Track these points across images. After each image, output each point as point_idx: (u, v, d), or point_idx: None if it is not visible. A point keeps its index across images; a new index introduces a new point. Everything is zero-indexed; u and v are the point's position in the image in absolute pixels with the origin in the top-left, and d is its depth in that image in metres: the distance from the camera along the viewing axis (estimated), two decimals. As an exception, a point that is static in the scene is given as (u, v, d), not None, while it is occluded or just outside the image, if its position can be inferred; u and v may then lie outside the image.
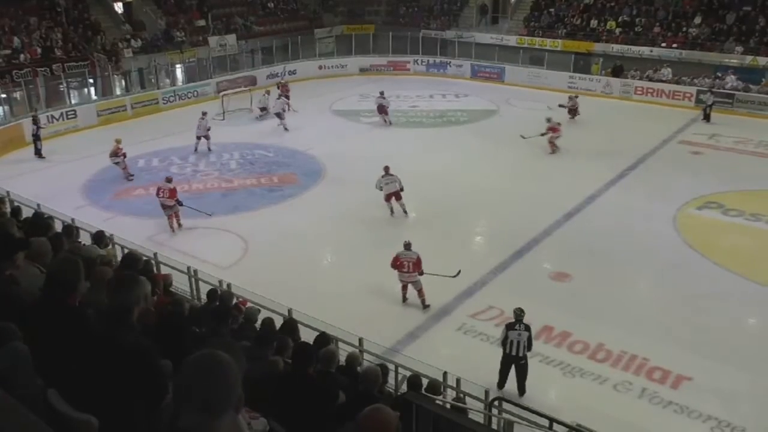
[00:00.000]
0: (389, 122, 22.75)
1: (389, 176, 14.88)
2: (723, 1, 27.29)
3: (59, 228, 8.75)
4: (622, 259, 13.02)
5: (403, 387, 7.33)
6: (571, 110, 22.60)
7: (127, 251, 8.74)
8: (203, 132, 19.79)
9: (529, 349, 9.01)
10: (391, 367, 7.76)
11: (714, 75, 25.42)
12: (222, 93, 24.90)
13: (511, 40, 30.91)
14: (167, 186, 14.19)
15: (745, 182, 16.99)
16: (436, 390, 6.88)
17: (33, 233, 5.69)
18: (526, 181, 17.08)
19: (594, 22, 29.79)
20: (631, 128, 22.01)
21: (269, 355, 5.45)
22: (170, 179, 14.63)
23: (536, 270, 12.75)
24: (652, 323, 10.79)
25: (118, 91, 24.80)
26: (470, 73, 30.34)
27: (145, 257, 8.90)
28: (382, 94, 22.86)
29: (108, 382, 2.40)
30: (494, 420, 6.99)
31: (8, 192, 12.21)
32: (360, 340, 8.40)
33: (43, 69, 23.27)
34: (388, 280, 12.01)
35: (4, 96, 21.90)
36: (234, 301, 8.34)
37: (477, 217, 15.69)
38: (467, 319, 10.90)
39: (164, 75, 27.41)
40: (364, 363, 7.28)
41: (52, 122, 21.21)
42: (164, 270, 9.54)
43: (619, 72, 26.91)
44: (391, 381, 7.57)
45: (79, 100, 23.99)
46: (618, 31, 28.93)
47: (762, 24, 25.91)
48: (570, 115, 22.64)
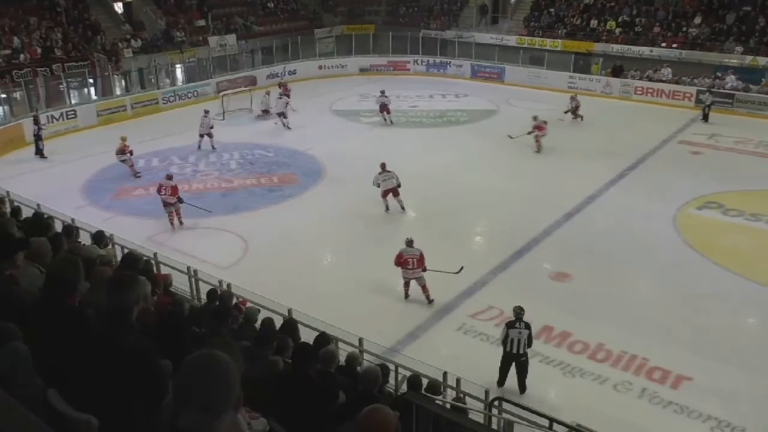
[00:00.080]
0: (391, 121, 22.77)
1: (386, 173, 14.94)
2: (723, 1, 27.28)
3: (59, 228, 8.75)
4: (622, 259, 13.02)
5: (403, 387, 7.33)
6: (574, 110, 22.55)
7: (126, 251, 8.74)
8: (206, 130, 19.85)
9: (530, 346, 9.05)
10: (391, 367, 7.76)
11: (714, 75, 25.40)
12: (222, 93, 24.90)
13: (511, 40, 30.91)
14: (169, 183, 14.28)
15: (745, 182, 16.99)
16: (436, 390, 6.88)
17: (33, 233, 5.69)
18: (526, 181, 17.07)
19: (594, 22, 29.79)
20: (631, 128, 22.00)
21: (269, 355, 5.45)
22: (171, 176, 14.75)
23: (536, 270, 12.75)
24: (652, 323, 10.79)
25: (118, 91, 24.81)
26: (470, 73, 30.34)
27: (145, 257, 8.90)
28: (383, 93, 22.88)
29: (108, 382, 2.40)
30: (494, 420, 6.99)
31: (8, 192, 12.21)
32: (360, 340, 8.40)
33: (43, 69, 23.28)
34: (388, 280, 12.04)
35: (4, 96, 21.91)
36: (234, 301, 8.34)
37: (477, 217, 15.69)
38: (467, 319, 10.91)
39: (164, 75, 27.40)
40: (364, 363, 7.28)
41: (52, 122, 21.22)
42: (164, 270, 9.54)
43: (619, 72, 26.89)
44: (391, 381, 7.57)
45: (79, 100, 24.00)
46: (618, 31, 28.92)
47: (762, 24, 25.90)
48: (573, 115, 22.55)
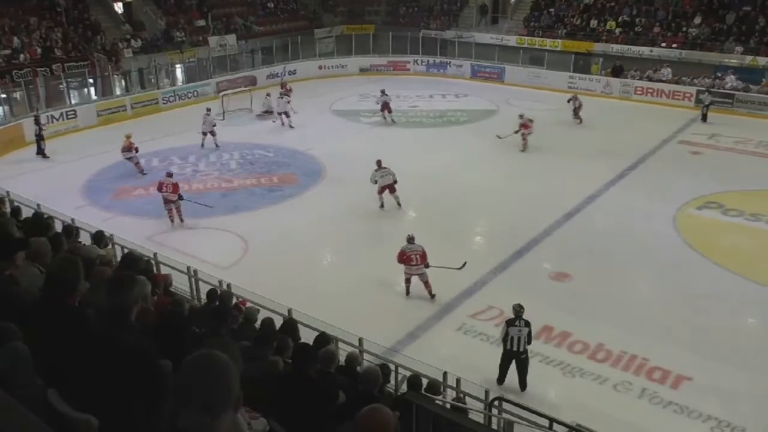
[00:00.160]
0: (392, 120, 22.81)
1: (383, 169, 15.11)
2: (723, 1, 27.28)
3: (59, 228, 8.75)
4: (622, 259, 13.02)
5: (403, 387, 7.33)
6: (575, 111, 22.45)
7: (126, 251, 8.74)
8: (209, 128, 19.94)
9: (529, 343, 9.09)
10: (391, 367, 7.76)
11: (714, 75, 25.40)
12: (222, 93, 24.91)
13: (511, 40, 30.91)
14: (170, 181, 14.39)
15: (745, 182, 16.98)
16: (435, 390, 6.88)
17: (33, 233, 5.69)
18: (526, 181, 17.07)
19: (594, 22, 29.78)
20: (631, 128, 22.00)
21: (269, 355, 5.45)
22: (171, 174, 14.87)
23: (536, 270, 12.75)
24: (652, 323, 10.79)
25: (118, 91, 24.81)
26: (470, 73, 30.33)
27: (145, 257, 8.90)
28: (384, 92, 22.90)
29: (108, 382, 2.40)
30: (494, 420, 6.98)
31: (8, 192, 12.21)
32: (360, 340, 8.40)
33: (43, 69, 23.28)
34: (388, 280, 12.04)
35: (4, 96, 21.91)
36: (234, 301, 8.34)
37: (477, 217, 15.69)
38: (467, 319, 10.91)
39: (164, 75, 27.40)
40: (364, 363, 7.28)
41: (52, 122, 21.22)
42: (164, 270, 9.53)
43: (619, 72, 26.89)
44: (391, 381, 7.57)
45: (79, 100, 24.00)
46: (618, 31, 28.92)
47: (762, 24, 25.90)
48: (574, 116, 22.45)
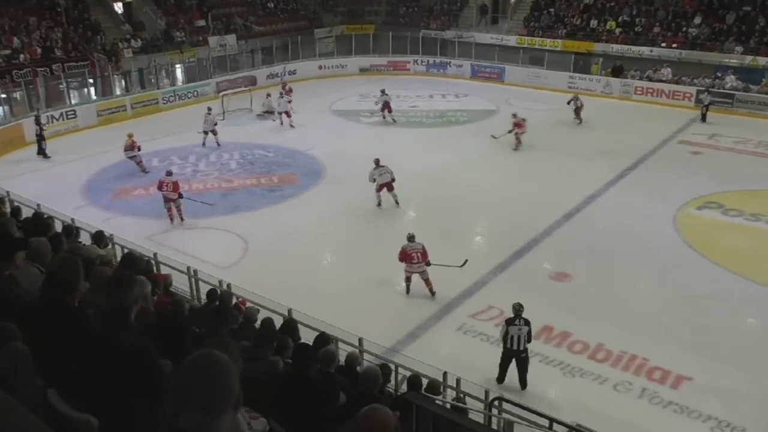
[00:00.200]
0: (393, 120, 22.87)
1: (381, 167, 15.23)
2: (723, 1, 27.28)
3: (59, 228, 8.75)
4: (622, 259, 13.02)
5: (403, 387, 7.33)
6: (576, 111, 22.35)
7: (126, 251, 8.74)
8: (210, 126, 20.03)
9: (529, 341, 9.10)
10: (391, 367, 7.76)
11: (714, 75, 25.40)
12: (222, 93, 24.90)
13: (511, 40, 30.91)
14: (170, 180, 14.45)
15: (745, 182, 16.98)
16: (435, 390, 6.88)
17: (33, 233, 5.69)
18: (526, 181, 17.07)
19: (594, 22, 29.78)
20: (631, 128, 21.99)
21: (269, 355, 5.45)
22: (171, 173, 14.95)
23: (536, 270, 12.75)
24: (652, 323, 10.79)
25: (118, 91, 24.81)
26: (470, 73, 30.33)
27: (145, 257, 8.90)
28: (384, 92, 22.94)
29: (108, 382, 2.40)
30: (494, 420, 6.98)
31: (8, 192, 12.21)
32: (360, 340, 8.40)
33: (43, 69, 23.29)
34: (388, 280, 12.05)
35: (4, 96, 21.91)
36: (234, 301, 8.34)
37: (477, 217, 15.69)
38: (467, 319, 10.91)
39: (164, 75, 27.41)
40: (364, 363, 7.28)
41: (52, 122, 21.21)
42: (164, 270, 9.53)
43: (619, 72, 26.88)
44: (391, 381, 7.56)
45: (79, 100, 24.00)
46: (618, 31, 28.91)
47: (762, 24, 25.89)
48: (575, 116, 22.36)
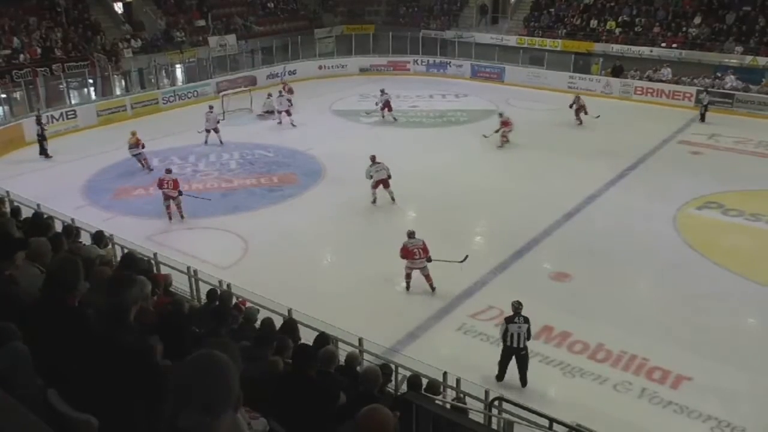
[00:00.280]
0: (394, 118, 22.99)
1: (377, 164, 15.35)
2: (723, 1, 27.28)
3: (59, 228, 8.75)
4: (622, 259, 13.02)
5: (403, 387, 7.33)
6: (577, 111, 22.23)
7: (126, 251, 8.74)
8: (213, 125, 20.13)
9: (528, 339, 9.12)
10: (392, 367, 7.76)
11: (714, 75, 25.40)
12: (222, 93, 24.89)
13: (511, 40, 30.91)
14: (170, 177, 14.59)
15: (745, 182, 16.98)
16: (435, 390, 6.88)
17: (33, 233, 5.70)
18: (526, 181, 17.07)
19: (594, 22, 29.78)
20: (631, 128, 21.98)
21: (269, 355, 5.45)
22: (170, 170, 15.11)
23: (536, 270, 12.75)
24: (652, 323, 10.79)
25: (118, 91, 24.80)
26: (470, 73, 30.33)
27: (145, 257, 8.90)
28: (383, 91, 23.05)
29: (107, 382, 2.40)
30: (494, 420, 6.98)
31: (8, 192, 12.21)
32: (360, 340, 8.40)
33: (43, 69, 23.29)
34: (388, 280, 12.05)
35: (4, 96, 21.91)
36: (234, 301, 8.34)
37: (477, 217, 15.69)
38: (467, 319, 10.91)
39: (164, 75, 27.41)
40: (364, 363, 7.28)
41: (52, 122, 21.20)
42: (164, 270, 9.53)
43: (619, 72, 26.87)
44: (392, 381, 7.56)
45: (79, 100, 23.99)
46: (618, 31, 28.91)
47: (762, 24, 25.89)
48: (576, 116, 22.25)
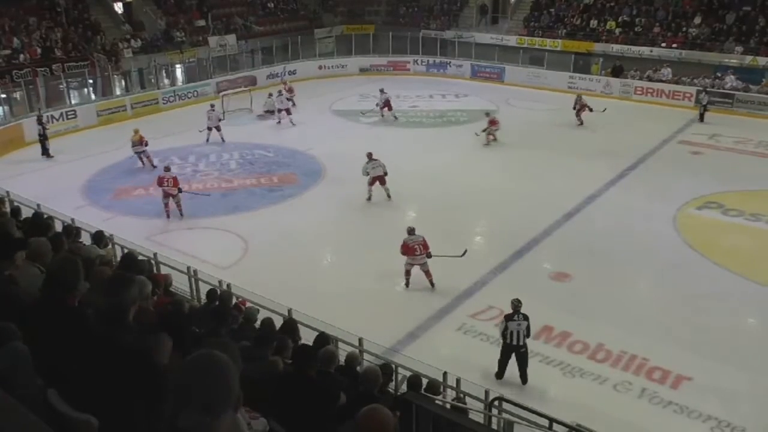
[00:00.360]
0: (395, 117, 23.08)
1: (374, 161, 15.51)
2: (723, 1, 27.28)
3: (59, 228, 8.75)
4: (622, 259, 13.01)
5: (403, 387, 7.32)
6: (578, 111, 22.13)
7: (126, 251, 8.74)
8: (215, 123, 20.20)
9: (528, 336, 9.13)
10: (392, 367, 7.75)
11: (714, 75, 25.40)
12: (222, 93, 24.90)
13: (511, 40, 30.91)
14: (170, 175, 14.62)
15: (745, 182, 16.98)
16: (435, 390, 6.88)
17: (33, 233, 5.70)
18: (526, 181, 17.06)
19: (594, 22, 29.78)
20: (631, 128, 21.98)
21: (269, 355, 5.45)
22: (169, 168, 15.12)
23: (536, 270, 12.75)
24: (652, 323, 10.79)
25: (118, 91, 24.80)
26: (470, 73, 30.32)
27: (145, 257, 8.90)
28: (383, 91, 23.13)
29: (107, 382, 2.40)
30: (494, 420, 6.98)
31: (8, 192, 12.21)
32: (360, 340, 8.39)
33: (43, 69, 23.29)
34: (388, 280, 12.05)
35: (4, 96, 21.91)
36: (234, 301, 8.34)
37: (477, 217, 15.69)
38: (467, 319, 10.91)
39: (164, 75, 27.41)
40: (364, 363, 7.27)
41: (52, 122, 21.18)
42: (164, 270, 9.53)
43: (619, 72, 26.86)
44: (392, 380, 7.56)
45: (79, 100, 23.99)
46: (618, 31, 28.91)
47: (762, 24, 25.89)
48: (577, 116, 22.17)
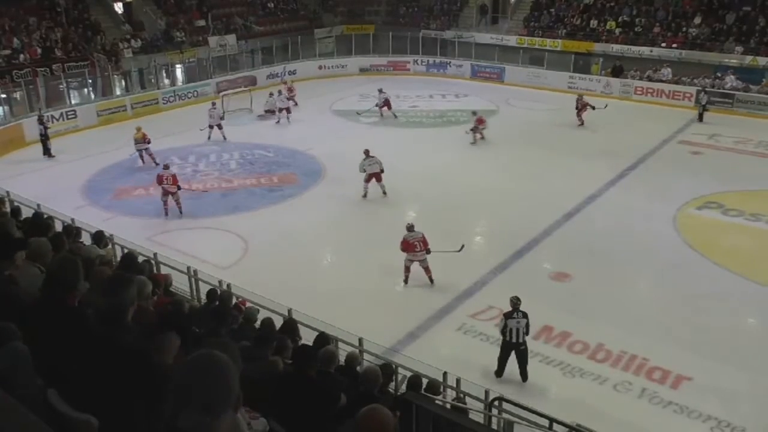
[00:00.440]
0: (395, 115, 23.18)
1: (371, 158, 15.70)
2: (723, 1, 27.28)
3: (59, 228, 8.75)
4: (622, 259, 13.01)
5: (403, 387, 7.32)
6: (579, 111, 22.07)
7: (126, 251, 8.74)
8: (216, 121, 20.32)
9: (527, 333, 9.15)
10: (393, 367, 7.75)
11: (714, 75, 25.39)
12: (222, 93, 24.90)
13: (511, 40, 30.92)
14: (169, 173, 14.68)
15: (745, 182, 16.98)
16: (435, 390, 6.88)
17: (33, 233, 5.70)
18: (526, 181, 17.06)
19: (594, 22, 29.78)
20: (631, 128, 21.98)
21: (269, 355, 5.45)
22: (168, 166, 15.15)
23: (536, 270, 12.75)
24: (652, 323, 10.79)
25: (118, 91, 24.80)
26: (470, 73, 30.33)
27: (145, 257, 8.90)
28: (381, 90, 23.29)
29: (107, 382, 2.40)
30: (494, 420, 6.98)
31: (8, 192, 12.21)
32: (360, 340, 8.39)
33: (43, 69, 23.29)
34: (389, 280, 12.06)
35: (4, 96, 21.91)
36: (234, 301, 8.34)
37: (477, 217, 15.69)
38: (467, 319, 10.90)
39: (164, 75, 27.41)
40: (364, 363, 7.27)
41: (52, 122, 21.18)
42: (164, 270, 9.53)
43: (619, 72, 26.86)
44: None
45: (79, 100, 23.99)
46: (618, 31, 28.91)
47: (762, 24, 25.90)
48: (578, 116, 22.13)
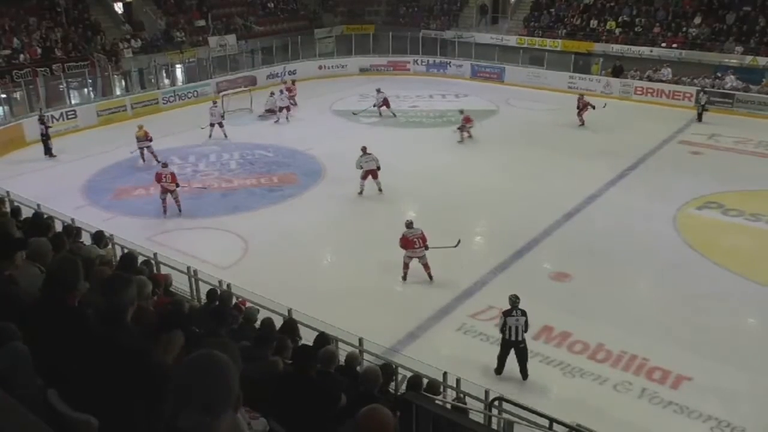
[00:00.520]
0: (393, 114, 23.27)
1: (367, 155, 15.89)
2: (723, 1, 27.28)
3: (59, 228, 8.75)
4: (622, 259, 13.01)
5: (403, 387, 7.32)
6: (580, 111, 22.03)
7: (126, 251, 8.74)
8: (218, 119, 20.42)
9: (526, 331, 9.20)
10: (393, 366, 7.75)
11: (714, 75, 25.39)
12: (222, 93, 24.89)
13: (511, 40, 30.92)
14: (168, 171, 14.76)
15: (745, 182, 16.98)
16: (435, 390, 6.88)
17: (33, 233, 5.69)
18: (526, 181, 17.06)
19: (594, 22, 29.78)
20: (631, 128, 21.98)
21: (269, 355, 5.45)
22: (167, 164, 15.25)
23: (536, 270, 12.75)
24: (652, 323, 10.79)
25: (118, 91, 24.80)
26: (470, 73, 30.33)
27: (145, 257, 8.90)
28: (380, 90, 23.46)
29: (107, 382, 2.40)
30: (494, 420, 6.98)
31: (8, 192, 12.21)
32: (360, 340, 8.40)
33: (43, 69, 23.29)
34: (388, 280, 12.06)
35: (4, 96, 21.91)
36: (234, 301, 8.34)
37: (477, 217, 15.68)
38: (467, 319, 10.91)
39: (164, 75, 27.41)
40: (364, 363, 7.27)
41: (52, 122, 21.17)
42: (164, 270, 9.53)
43: (619, 72, 26.85)
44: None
45: (79, 100, 23.99)
46: (618, 31, 28.91)
47: (762, 24, 25.90)
48: (579, 117, 22.08)
